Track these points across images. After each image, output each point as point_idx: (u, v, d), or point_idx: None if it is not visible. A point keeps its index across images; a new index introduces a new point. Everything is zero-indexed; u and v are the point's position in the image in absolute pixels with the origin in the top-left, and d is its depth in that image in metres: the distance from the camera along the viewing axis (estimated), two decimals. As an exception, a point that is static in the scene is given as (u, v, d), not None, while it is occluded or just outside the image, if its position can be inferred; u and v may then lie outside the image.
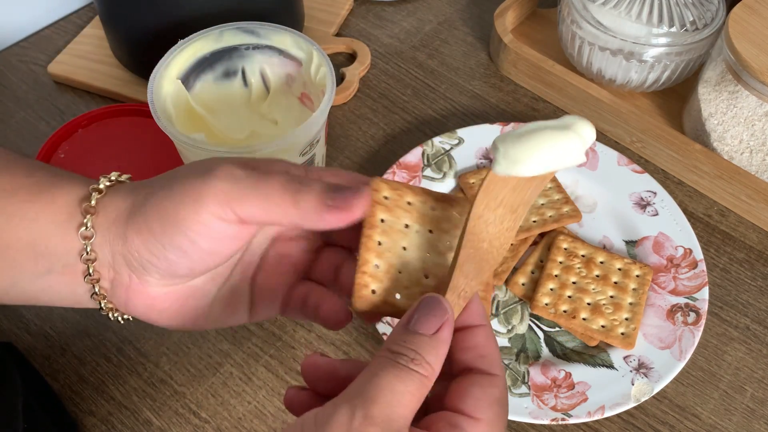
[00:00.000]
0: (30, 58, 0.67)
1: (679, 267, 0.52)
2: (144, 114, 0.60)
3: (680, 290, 0.51)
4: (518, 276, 0.52)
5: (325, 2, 0.71)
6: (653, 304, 0.50)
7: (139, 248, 0.33)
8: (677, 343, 0.48)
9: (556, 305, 0.50)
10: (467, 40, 0.70)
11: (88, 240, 0.34)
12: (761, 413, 0.48)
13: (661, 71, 0.60)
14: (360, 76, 0.66)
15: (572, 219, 0.54)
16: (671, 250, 0.53)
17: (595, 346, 0.49)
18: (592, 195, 0.57)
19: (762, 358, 0.50)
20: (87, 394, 0.48)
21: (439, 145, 0.58)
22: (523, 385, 0.47)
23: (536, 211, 0.54)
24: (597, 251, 0.52)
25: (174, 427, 0.46)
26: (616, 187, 0.56)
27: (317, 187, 0.32)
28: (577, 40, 0.62)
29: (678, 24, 0.58)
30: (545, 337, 0.50)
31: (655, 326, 0.49)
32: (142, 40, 0.59)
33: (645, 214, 0.55)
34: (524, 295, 0.52)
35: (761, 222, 0.57)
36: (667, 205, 0.55)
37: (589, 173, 0.57)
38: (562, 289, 0.50)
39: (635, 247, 0.54)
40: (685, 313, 0.50)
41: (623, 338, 0.48)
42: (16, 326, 0.50)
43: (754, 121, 0.55)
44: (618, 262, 0.51)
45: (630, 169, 0.57)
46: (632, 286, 0.50)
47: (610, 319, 0.49)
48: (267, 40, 0.52)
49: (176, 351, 0.50)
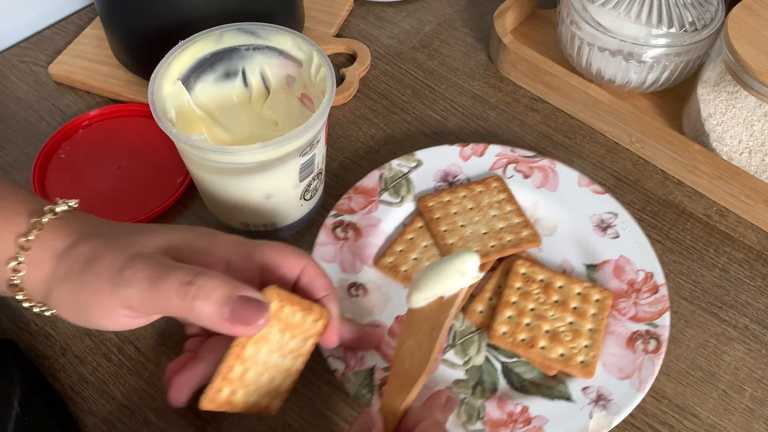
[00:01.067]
0: (30, 58, 0.68)
1: (639, 292, 0.50)
2: (144, 115, 0.61)
3: (641, 316, 0.49)
4: (476, 303, 0.50)
5: (325, 3, 0.71)
6: (613, 332, 0.49)
7: (60, 313, 0.37)
8: (637, 372, 0.47)
9: (514, 334, 0.48)
10: (467, 41, 0.71)
11: (18, 269, 0.36)
12: (760, 413, 0.48)
13: (660, 72, 0.61)
14: (360, 77, 0.66)
15: (531, 243, 0.52)
16: (632, 274, 0.51)
17: (554, 376, 0.47)
18: (552, 217, 0.55)
19: (761, 358, 0.50)
20: (88, 394, 0.48)
21: (397, 168, 0.57)
22: (479, 421, 0.45)
23: (495, 235, 0.53)
24: (556, 275, 0.50)
25: (174, 427, 0.46)
26: (577, 208, 0.55)
27: (216, 296, 0.33)
28: (577, 40, 0.62)
29: (677, 25, 0.58)
30: (503, 369, 0.48)
31: (615, 355, 0.48)
32: (143, 41, 0.59)
33: (606, 237, 0.53)
34: (482, 323, 0.50)
35: (760, 222, 0.57)
36: (628, 227, 0.54)
37: (549, 194, 0.56)
38: (520, 317, 0.49)
39: (596, 271, 0.52)
40: (645, 340, 0.48)
41: (583, 367, 0.47)
42: (17, 326, 0.50)
43: (754, 121, 0.55)
44: (577, 287, 0.50)
45: (591, 189, 0.56)
46: (592, 312, 0.49)
47: (569, 346, 0.47)
48: (267, 41, 0.52)
49: (177, 351, 0.49)
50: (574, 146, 0.62)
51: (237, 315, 0.32)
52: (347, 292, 0.51)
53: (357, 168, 0.60)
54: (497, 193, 0.55)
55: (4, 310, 0.51)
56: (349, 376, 0.46)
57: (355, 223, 0.54)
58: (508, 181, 0.56)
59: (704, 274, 0.55)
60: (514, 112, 0.65)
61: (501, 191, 0.55)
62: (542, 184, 0.56)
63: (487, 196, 0.55)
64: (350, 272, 0.51)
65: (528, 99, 0.66)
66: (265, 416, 0.47)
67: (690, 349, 0.51)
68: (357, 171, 0.59)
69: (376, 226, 0.54)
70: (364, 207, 0.55)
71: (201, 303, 0.32)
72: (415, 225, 0.54)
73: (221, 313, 0.32)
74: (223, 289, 0.33)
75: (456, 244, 0.52)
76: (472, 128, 0.63)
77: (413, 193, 0.56)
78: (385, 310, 0.50)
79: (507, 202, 0.55)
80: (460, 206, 0.54)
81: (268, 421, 0.47)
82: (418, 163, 0.57)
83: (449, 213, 0.54)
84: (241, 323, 0.33)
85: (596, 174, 0.60)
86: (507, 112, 0.65)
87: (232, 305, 0.32)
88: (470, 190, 0.55)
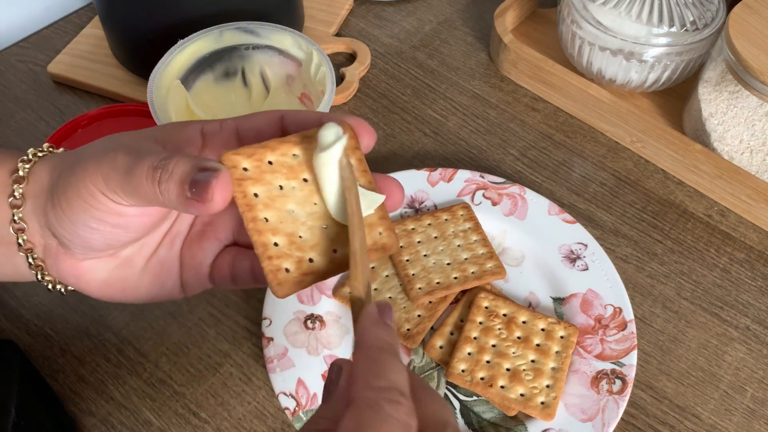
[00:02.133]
0: (30, 58, 0.67)
1: (607, 328, 0.48)
2: (144, 114, 0.60)
3: (607, 354, 0.47)
4: (436, 338, 0.49)
5: (325, 2, 0.71)
6: (577, 370, 0.47)
7: (54, 223, 0.33)
8: (600, 414, 0.45)
9: (473, 372, 0.46)
10: (467, 40, 0.70)
11: (18, 209, 0.34)
12: (761, 413, 0.48)
13: (661, 71, 0.60)
14: (360, 76, 0.66)
15: (495, 276, 0.50)
16: (600, 309, 0.49)
17: (514, 417, 0.46)
18: (519, 247, 0.53)
19: (762, 359, 0.50)
20: (87, 395, 0.48)
21: None
22: None
23: (458, 266, 0.51)
24: (520, 310, 0.48)
25: (174, 428, 0.46)
26: (546, 238, 0.53)
27: (177, 176, 0.30)
28: (577, 40, 0.62)
29: (678, 24, 0.58)
30: (461, 408, 0.46)
31: (578, 395, 0.46)
32: (142, 40, 0.59)
33: (574, 269, 0.51)
34: (441, 359, 0.48)
35: (761, 222, 0.57)
36: (598, 258, 0.52)
37: (517, 223, 0.54)
38: (480, 354, 0.47)
39: (563, 304, 0.50)
40: (610, 380, 0.46)
41: (543, 408, 0.45)
42: (16, 327, 0.50)
43: (755, 121, 0.55)
44: (541, 322, 0.48)
45: (561, 218, 0.54)
46: (555, 349, 0.47)
47: (529, 386, 0.45)
48: (267, 40, 0.52)
49: (176, 351, 0.49)
50: (575, 146, 0.62)
51: (196, 194, 0.29)
52: (303, 324, 0.48)
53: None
54: (463, 221, 0.53)
55: (4, 311, 0.51)
56: (300, 415, 0.45)
57: None
58: (476, 209, 0.54)
59: (705, 274, 0.54)
60: (514, 112, 0.65)
61: (467, 219, 0.53)
62: (511, 212, 0.54)
63: (453, 225, 0.53)
64: (307, 303, 0.49)
65: (528, 98, 0.66)
66: (264, 417, 0.47)
67: (691, 349, 0.51)
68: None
69: None
70: None
71: (165, 186, 0.30)
72: None
73: (185, 189, 0.29)
74: (186, 166, 0.30)
75: (417, 275, 0.50)
76: (472, 128, 0.63)
77: None
78: (342, 343, 0.48)
79: (473, 232, 0.53)
80: (424, 235, 0.52)
81: (268, 422, 0.47)
82: None
83: (413, 242, 0.52)
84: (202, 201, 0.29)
85: (597, 174, 0.60)
86: (507, 111, 0.65)
87: (192, 182, 0.29)
88: (436, 218, 0.53)
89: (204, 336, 0.50)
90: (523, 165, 0.61)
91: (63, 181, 0.33)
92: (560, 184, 0.59)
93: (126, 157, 0.31)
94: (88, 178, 0.32)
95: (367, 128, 0.34)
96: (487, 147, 0.62)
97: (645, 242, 0.56)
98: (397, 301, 0.50)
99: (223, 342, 0.50)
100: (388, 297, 0.50)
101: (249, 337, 0.50)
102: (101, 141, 0.35)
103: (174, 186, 0.30)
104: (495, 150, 0.62)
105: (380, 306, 0.29)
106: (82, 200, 0.32)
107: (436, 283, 0.50)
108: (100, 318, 0.51)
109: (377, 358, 0.27)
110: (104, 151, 0.32)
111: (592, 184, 0.60)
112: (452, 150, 0.61)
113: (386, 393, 0.25)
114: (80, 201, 0.32)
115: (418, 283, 0.50)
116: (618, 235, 0.56)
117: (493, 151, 0.61)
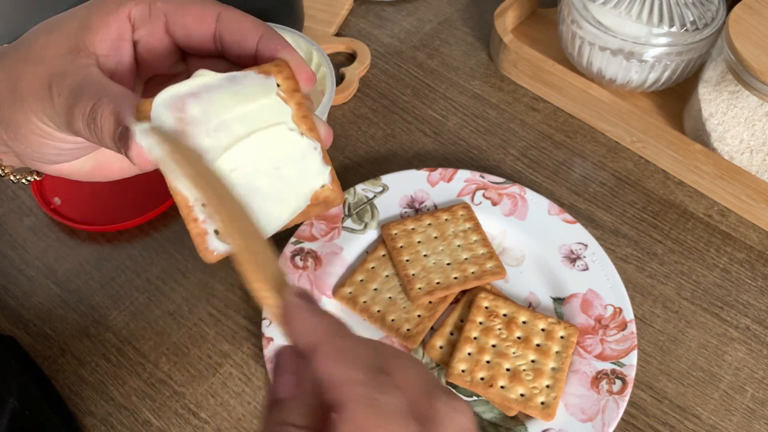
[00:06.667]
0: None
1: (607, 328, 0.49)
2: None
3: (607, 354, 0.47)
4: (436, 338, 0.49)
5: (324, 2, 0.71)
6: (577, 371, 0.47)
7: (10, 146, 0.35)
8: (600, 415, 0.45)
9: (473, 372, 0.46)
10: (467, 40, 0.70)
11: None
12: (761, 413, 0.48)
13: (661, 71, 0.60)
14: (360, 76, 0.66)
15: (495, 276, 0.50)
16: (600, 309, 0.49)
17: (514, 417, 0.46)
18: (520, 247, 0.53)
19: (762, 359, 0.50)
20: (86, 395, 0.48)
21: (361, 193, 0.55)
22: None
23: (458, 266, 0.51)
24: (520, 310, 0.49)
25: (173, 428, 0.46)
26: (546, 238, 0.53)
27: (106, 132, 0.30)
28: (577, 39, 0.62)
29: (678, 24, 0.58)
30: None
31: (578, 395, 0.46)
32: (142, 40, 0.59)
33: (574, 269, 0.51)
34: (441, 359, 0.48)
35: (761, 222, 0.57)
36: (598, 258, 0.52)
37: (517, 223, 0.54)
38: (480, 354, 0.47)
39: (563, 304, 0.50)
40: (610, 380, 0.46)
41: (542, 409, 0.45)
42: (16, 326, 0.50)
43: (755, 121, 0.55)
44: (541, 322, 0.48)
45: (561, 218, 0.54)
46: (555, 349, 0.47)
47: (529, 387, 0.45)
48: (267, 40, 0.51)
49: (176, 351, 0.49)
50: (575, 146, 0.62)
51: (125, 150, 0.30)
52: None
53: (357, 168, 0.60)
54: (463, 221, 0.53)
55: (4, 311, 0.51)
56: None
57: (315, 251, 0.52)
58: (476, 209, 0.54)
59: (705, 275, 0.54)
60: (514, 112, 0.65)
61: (467, 219, 0.53)
62: (511, 212, 0.54)
63: (453, 225, 0.53)
64: None
65: (528, 98, 0.66)
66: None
67: (691, 349, 0.51)
68: (357, 171, 0.59)
69: (338, 254, 0.52)
70: (325, 234, 0.53)
71: (100, 138, 0.31)
72: (377, 253, 0.52)
73: (118, 146, 0.30)
74: (110, 124, 0.30)
75: (417, 275, 0.50)
76: (472, 128, 0.63)
77: (377, 220, 0.54)
78: None
79: (473, 232, 0.53)
80: (424, 235, 0.52)
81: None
82: (383, 188, 0.55)
83: (413, 242, 0.52)
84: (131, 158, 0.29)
85: (597, 174, 0.60)
86: (507, 111, 0.65)
87: (118, 137, 0.30)
88: (436, 218, 0.53)
89: (204, 336, 0.50)
90: (523, 165, 0.61)
91: (11, 116, 0.33)
92: (560, 184, 0.59)
93: (63, 100, 0.31)
94: (34, 117, 0.32)
95: (304, 69, 0.33)
96: (487, 147, 0.62)
97: (645, 242, 0.56)
98: (397, 301, 0.50)
99: (223, 342, 0.50)
100: (388, 297, 0.50)
101: (249, 337, 0.50)
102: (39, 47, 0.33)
103: (106, 140, 0.31)
104: (495, 150, 0.62)
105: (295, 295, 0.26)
106: (37, 136, 0.33)
107: (436, 283, 0.50)
108: (100, 318, 0.51)
109: (338, 349, 0.25)
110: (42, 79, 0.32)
111: (593, 184, 0.60)
112: (452, 150, 0.61)
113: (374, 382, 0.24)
114: (35, 137, 0.33)
115: (418, 283, 0.50)
116: (618, 235, 0.56)
117: (493, 151, 0.61)
